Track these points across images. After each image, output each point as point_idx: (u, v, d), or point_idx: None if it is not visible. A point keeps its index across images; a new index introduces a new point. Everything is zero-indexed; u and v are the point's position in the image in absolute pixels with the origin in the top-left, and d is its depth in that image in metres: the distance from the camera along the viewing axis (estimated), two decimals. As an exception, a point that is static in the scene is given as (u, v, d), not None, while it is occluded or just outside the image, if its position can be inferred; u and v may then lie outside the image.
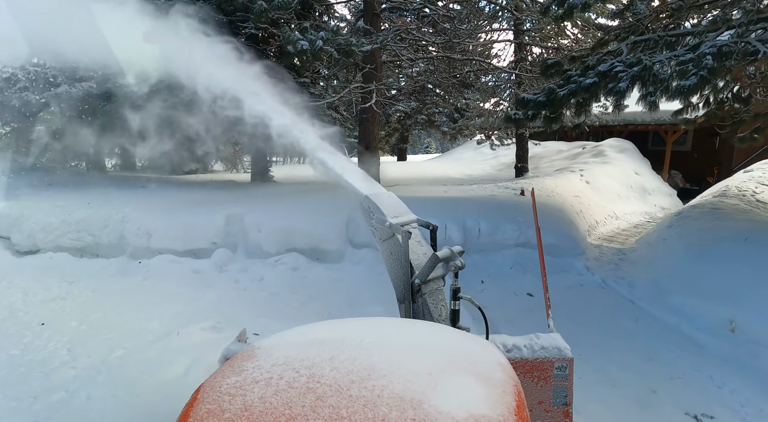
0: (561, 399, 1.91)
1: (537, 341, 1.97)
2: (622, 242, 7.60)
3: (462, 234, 5.63)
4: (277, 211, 5.81)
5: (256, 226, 5.52)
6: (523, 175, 12.23)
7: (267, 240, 5.42)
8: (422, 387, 0.86)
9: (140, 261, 5.35)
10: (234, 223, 5.67)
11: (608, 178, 10.52)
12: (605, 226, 8.80)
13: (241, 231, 5.64)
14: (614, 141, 12.66)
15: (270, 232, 5.43)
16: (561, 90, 6.26)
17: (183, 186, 8.88)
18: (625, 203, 10.19)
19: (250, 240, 5.57)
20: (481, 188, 8.45)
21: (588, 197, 9.10)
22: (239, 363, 1.00)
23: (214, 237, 5.51)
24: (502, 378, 0.96)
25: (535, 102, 6.47)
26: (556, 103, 6.34)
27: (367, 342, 1.06)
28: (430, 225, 2.02)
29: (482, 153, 16.82)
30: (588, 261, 5.67)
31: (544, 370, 1.90)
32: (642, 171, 11.58)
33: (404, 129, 20.81)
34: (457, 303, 1.87)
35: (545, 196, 7.90)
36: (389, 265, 1.96)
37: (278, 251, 5.44)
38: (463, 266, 1.78)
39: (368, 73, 9.15)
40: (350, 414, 0.78)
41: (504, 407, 0.85)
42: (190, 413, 0.85)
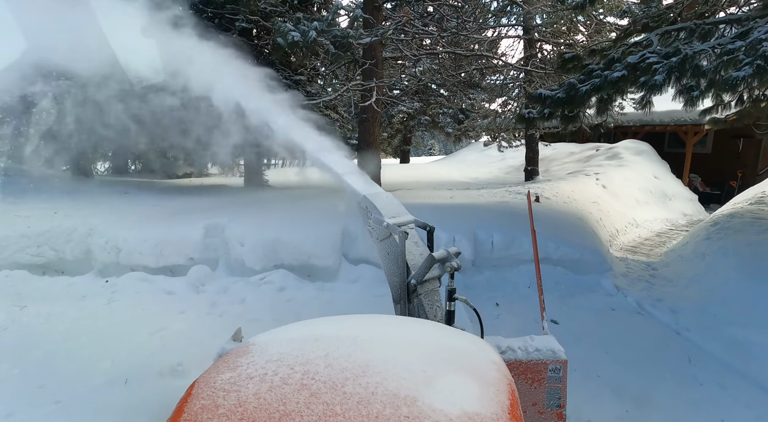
0: (555, 401, 1.91)
1: (531, 343, 1.96)
2: (647, 253, 6.89)
3: (472, 247, 4.96)
4: (263, 220, 5.17)
5: (238, 239, 4.87)
6: (534, 178, 11.54)
7: (251, 256, 4.77)
8: (416, 385, 0.86)
9: (107, 280, 4.71)
10: (214, 236, 5.03)
11: (626, 182, 9.82)
12: (626, 235, 8.09)
13: (222, 245, 5.00)
14: (630, 142, 11.94)
15: (254, 246, 4.78)
16: (583, 85, 5.59)
17: (169, 191, 8.26)
18: (644, 209, 9.48)
19: (232, 256, 4.92)
20: (491, 193, 7.77)
21: (606, 203, 8.40)
22: (234, 359, 0.99)
23: (192, 251, 4.86)
24: (496, 377, 0.95)
25: (552, 99, 5.80)
26: (577, 100, 5.66)
27: (362, 339, 1.05)
28: (427, 226, 2.02)
29: (488, 155, 16.14)
30: (616, 278, 4.98)
31: (538, 372, 1.90)
32: (661, 174, 10.86)
33: (407, 130, 20.16)
34: (453, 304, 1.86)
35: (562, 202, 7.21)
36: (386, 265, 1.96)
37: (263, 268, 4.79)
38: (459, 267, 1.76)
39: (368, 69, 8.51)
40: (344, 410, 0.78)
41: (497, 405, 0.84)
42: (185, 408, 0.84)
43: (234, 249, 4.90)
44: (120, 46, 2.94)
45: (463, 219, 5.45)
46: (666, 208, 10.01)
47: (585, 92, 5.46)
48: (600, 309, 4.26)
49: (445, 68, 10.61)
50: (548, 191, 7.86)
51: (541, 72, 9.70)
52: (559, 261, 4.98)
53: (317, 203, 6.52)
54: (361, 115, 8.87)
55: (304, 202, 6.64)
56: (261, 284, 4.59)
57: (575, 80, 5.74)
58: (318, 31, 5.41)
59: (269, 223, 5.11)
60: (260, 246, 4.77)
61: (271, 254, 4.79)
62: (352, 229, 5.11)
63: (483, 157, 16.31)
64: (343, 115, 11.01)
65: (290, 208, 5.99)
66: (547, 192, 7.78)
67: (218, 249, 5.02)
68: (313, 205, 6.36)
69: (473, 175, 14.29)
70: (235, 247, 4.89)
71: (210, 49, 3.21)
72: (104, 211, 5.55)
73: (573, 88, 5.67)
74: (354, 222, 5.19)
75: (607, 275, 4.95)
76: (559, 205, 6.88)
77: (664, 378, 3.02)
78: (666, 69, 4.51)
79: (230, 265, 4.96)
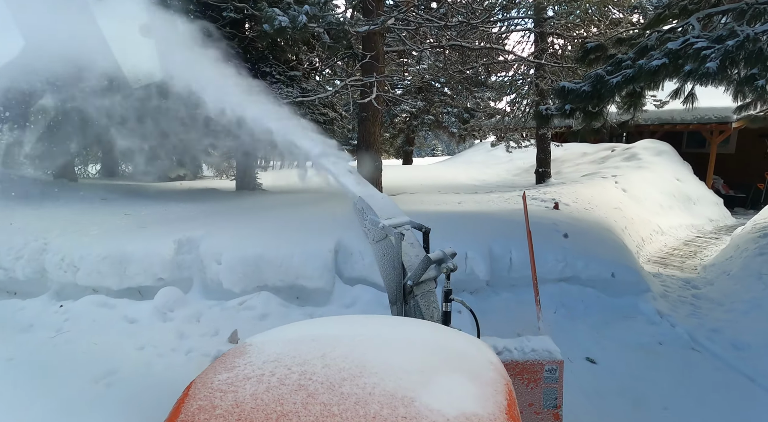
0: (551, 402, 1.90)
1: (527, 343, 1.95)
2: (680, 266, 6.16)
3: (488, 265, 4.25)
4: (246, 233, 4.48)
5: (214, 256, 4.19)
6: (545, 181, 10.81)
7: (228, 276, 4.08)
8: (414, 385, 0.85)
9: (61, 305, 4.04)
10: (188, 252, 4.34)
11: (647, 185, 9.07)
12: (652, 244, 7.36)
13: (197, 263, 4.31)
14: (649, 142, 11.19)
15: (233, 264, 4.09)
16: (612, 76, 4.87)
17: (152, 197, 7.59)
18: (668, 215, 8.73)
19: (208, 275, 4.23)
20: (502, 199, 7.06)
21: (629, 209, 7.67)
22: (231, 360, 0.98)
23: (161, 270, 4.18)
24: (494, 377, 0.94)
25: (577, 93, 5.09)
26: (606, 93, 4.95)
27: (359, 339, 1.05)
28: (423, 227, 2.02)
29: (495, 156, 15.41)
30: (656, 301, 4.26)
31: (535, 372, 1.89)
32: (683, 176, 10.11)
33: (410, 130, 19.46)
34: (449, 305, 1.84)
35: (582, 208, 6.48)
36: (382, 267, 1.94)
37: (243, 290, 4.10)
38: (455, 268, 1.74)
39: (368, 64, 7.82)
40: (341, 411, 0.78)
41: (495, 405, 0.84)
42: (181, 409, 0.83)
43: (210, 268, 4.21)
44: (101, 42, 2.80)
45: (475, 230, 4.75)
46: (690, 212, 9.27)
47: (616, 84, 4.75)
48: (645, 344, 3.54)
49: (452, 62, 9.89)
50: (566, 196, 7.13)
51: (555, 66, 8.97)
52: (589, 282, 4.26)
53: (310, 211, 5.83)
54: (361, 113, 8.19)
55: (295, 209, 5.95)
56: (240, 310, 3.90)
57: (602, 71, 5.02)
58: (309, 15, 4.73)
59: (252, 236, 4.42)
60: (240, 265, 4.08)
61: (253, 274, 4.09)
62: (348, 243, 4.41)
63: (490, 158, 15.57)
64: (342, 113, 10.31)
65: (279, 217, 5.31)
66: (565, 197, 7.06)
67: (192, 267, 4.33)
68: (305, 213, 5.68)
69: (480, 177, 13.56)
70: (211, 266, 4.21)
71: (195, 44, 3.13)
72: (68, 222, 4.88)
73: (600, 81, 4.96)
74: (350, 235, 4.50)
75: (646, 297, 4.23)
76: (580, 213, 6.16)
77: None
78: (720, 55, 3.79)
79: (206, 286, 4.28)
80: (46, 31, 2.57)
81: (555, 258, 4.26)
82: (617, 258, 4.54)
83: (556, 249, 4.37)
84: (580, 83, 5.05)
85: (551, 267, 4.25)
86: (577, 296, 4.20)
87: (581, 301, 4.17)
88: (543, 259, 4.28)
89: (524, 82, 11.45)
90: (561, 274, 4.25)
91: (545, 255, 4.31)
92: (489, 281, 4.27)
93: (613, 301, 4.18)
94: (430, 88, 18.35)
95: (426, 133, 20.81)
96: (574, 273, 4.25)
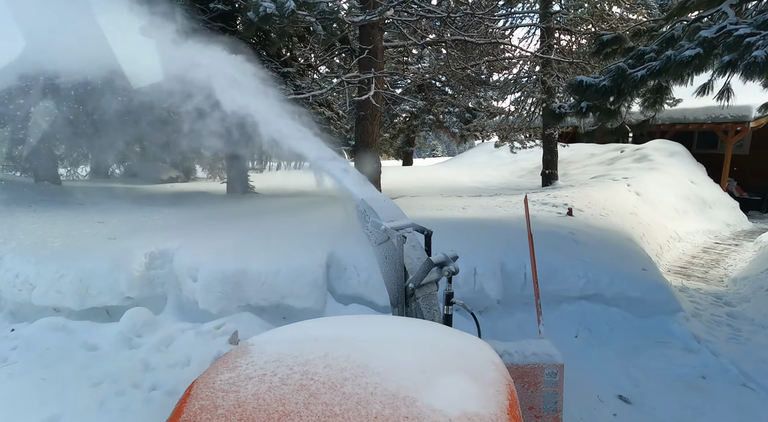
0: (551, 406, 1.89)
1: (528, 347, 1.95)
2: (704, 278, 5.67)
3: (500, 281, 3.76)
4: (226, 244, 3.99)
5: (190, 272, 3.69)
6: (552, 183, 10.33)
7: (205, 295, 3.59)
8: (416, 385, 0.85)
9: (13, 329, 3.55)
10: (160, 266, 3.85)
11: (661, 188, 8.59)
12: (670, 252, 6.87)
13: (171, 279, 3.82)
14: (660, 143, 10.70)
15: (209, 281, 3.59)
16: (636, 70, 4.39)
17: (136, 201, 7.10)
18: (683, 219, 8.24)
19: (184, 293, 3.75)
20: (510, 203, 6.57)
21: (644, 214, 7.18)
22: (232, 360, 0.97)
23: (129, 288, 3.68)
24: (496, 377, 0.94)
25: (596, 88, 4.60)
26: (627, 89, 4.47)
27: (361, 339, 1.05)
28: (425, 230, 1.99)
29: (498, 157, 14.92)
30: (688, 321, 3.76)
31: (535, 376, 1.88)
32: (698, 179, 9.62)
33: (410, 130, 18.97)
34: (450, 308, 1.82)
35: (598, 215, 5.99)
36: (384, 269, 1.93)
37: (222, 310, 3.61)
38: (456, 271, 1.72)
39: (366, 59, 7.34)
40: (343, 411, 0.78)
41: (497, 406, 0.83)
42: (183, 409, 0.82)
43: (185, 285, 3.72)
44: (82, 39, 2.71)
45: (484, 241, 4.25)
46: (706, 217, 8.78)
47: (640, 78, 4.26)
48: (684, 377, 3.04)
49: (454, 59, 9.40)
50: (578, 200, 6.65)
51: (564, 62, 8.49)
52: (613, 300, 3.77)
53: (302, 218, 5.34)
54: (359, 112, 7.70)
55: (286, 216, 5.46)
56: (217, 335, 3.40)
57: (624, 65, 4.53)
58: (298, 2, 4.24)
59: (234, 248, 3.93)
60: (218, 282, 3.58)
61: (233, 292, 3.60)
62: (342, 256, 3.92)
63: (493, 159, 15.08)
64: (339, 113, 9.81)
65: (267, 225, 4.82)
66: (578, 201, 6.57)
67: (166, 284, 3.84)
68: (296, 220, 5.19)
69: (483, 178, 13.07)
70: (186, 283, 3.71)
71: (180, 37, 3.05)
72: (29, 231, 4.39)
73: (622, 75, 4.47)
74: (345, 246, 4.01)
75: (678, 318, 3.73)
76: (595, 220, 5.67)
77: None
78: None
79: (181, 306, 3.79)
80: (25, 27, 2.49)
81: (575, 274, 3.77)
82: (644, 273, 4.04)
83: (575, 262, 3.88)
84: (598, 78, 4.56)
85: (571, 284, 3.76)
86: (600, 317, 3.70)
87: (605, 323, 3.67)
88: (561, 275, 3.79)
89: (529, 80, 10.97)
90: (582, 292, 3.76)
91: (563, 270, 3.81)
92: (501, 299, 3.78)
93: (641, 323, 3.68)
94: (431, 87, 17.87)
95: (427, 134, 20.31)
96: (598, 291, 3.76)
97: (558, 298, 3.81)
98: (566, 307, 3.75)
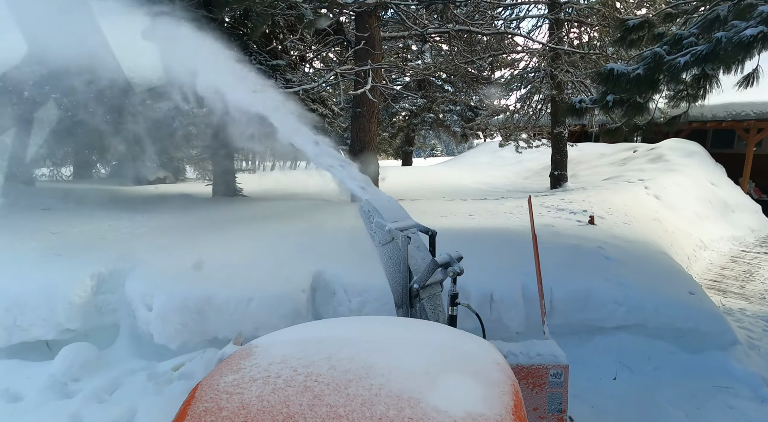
0: (556, 406, 1.90)
1: (532, 347, 1.96)
2: (742, 293, 5.04)
3: (522, 309, 3.11)
4: (191, 262, 3.33)
5: (144, 298, 3.04)
6: (562, 184, 9.69)
7: (162, 327, 2.93)
8: (420, 386, 0.85)
9: None
10: (111, 290, 3.19)
11: (681, 190, 7.95)
12: (696, 262, 6.23)
13: (123, 306, 3.16)
14: (675, 142, 10.07)
15: (168, 310, 2.94)
16: (675, 56, 3.75)
17: (109, 206, 6.42)
18: (706, 225, 7.60)
19: (139, 323, 3.09)
20: (521, 209, 5.92)
21: (667, 220, 6.54)
22: (237, 362, 0.97)
23: (69, 319, 3.02)
24: (500, 378, 0.94)
25: (627, 78, 3.96)
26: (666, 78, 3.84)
27: (365, 340, 1.05)
28: (429, 230, 1.99)
29: (502, 157, 14.27)
30: (748, 357, 3.12)
31: (540, 377, 1.89)
32: (718, 180, 9.00)
33: (410, 129, 18.31)
34: (455, 309, 1.83)
35: (621, 223, 5.35)
36: (388, 270, 1.93)
37: (182, 345, 2.95)
38: (461, 272, 1.73)
39: (362, 50, 6.69)
40: (348, 412, 0.78)
41: (502, 406, 0.83)
42: (188, 411, 0.83)
43: (140, 314, 3.07)
44: (63, 34, 2.65)
45: (498, 257, 3.61)
46: (729, 222, 8.14)
47: (683, 65, 3.61)
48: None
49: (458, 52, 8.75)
50: (596, 206, 6.00)
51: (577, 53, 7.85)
52: (658, 332, 3.12)
53: (289, 227, 4.69)
54: (355, 108, 7.05)
55: (270, 224, 4.80)
56: (173, 379, 2.74)
57: (661, 50, 3.89)
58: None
59: (201, 268, 3.27)
60: (176, 312, 2.92)
61: (196, 324, 2.95)
62: (330, 277, 3.27)
63: (496, 159, 14.44)
64: (334, 110, 9.15)
65: (246, 236, 4.16)
66: (596, 207, 5.93)
67: (118, 311, 3.19)
68: (282, 229, 4.54)
69: (486, 179, 12.42)
70: (139, 311, 3.06)
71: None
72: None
73: (659, 62, 3.83)
74: (335, 264, 3.37)
75: (735, 353, 3.09)
76: (620, 229, 5.02)
77: None
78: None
79: (136, 338, 3.13)
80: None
81: (613, 299, 3.12)
82: (691, 297, 3.39)
83: (611, 286, 3.23)
84: (633, 66, 3.92)
85: (608, 312, 3.11)
86: (642, 352, 3.06)
87: (649, 360, 3.03)
88: (596, 301, 3.14)
89: (537, 75, 10.32)
90: (621, 321, 3.11)
91: (597, 296, 3.16)
92: (522, 331, 3.13)
93: (692, 360, 3.04)
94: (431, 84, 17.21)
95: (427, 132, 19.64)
96: (639, 320, 3.12)
97: (591, 329, 3.16)
98: (602, 340, 3.10)
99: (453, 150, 39.23)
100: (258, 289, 3.02)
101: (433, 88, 17.31)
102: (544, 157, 12.14)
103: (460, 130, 18.49)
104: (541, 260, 3.57)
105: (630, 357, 3.05)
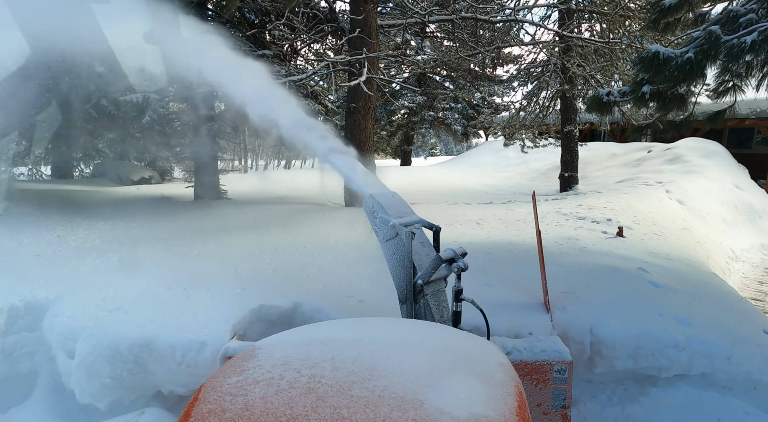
0: (560, 402, 1.89)
1: (537, 344, 1.96)
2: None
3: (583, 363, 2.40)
4: (135, 290, 2.62)
5: (65, 341, 2.34)
6: (572, 187, 9.01)
7: (86, 381, 2.23)
8: (423, 388, 0.85)
9: None
10: (27, 328, 2.50)
11: (704, 194, 7.29)
12: (730, 276, 5.56)
13: (41, 349, 2.46)
14: (694, 141, 9.41)
15: (95, 358, 2.24)
16: (735, 35, 3.08)
17: (73, 210, 5.71)
18: (734, 233, 6.94)
19: (60, 373, 2.39)
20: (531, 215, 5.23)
21: (696, 228, 5.87)
22: (240, 363, 0.97)
23: (-32, 367, 2.32)
24: (504, 379, 0.93)
25: (675, 63, 3.28)
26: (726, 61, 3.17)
27: (369, 342, 1.04)
28: (433, 226, 1.98)
29: (506, 157, 13.60)
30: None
31: (544, 373, 1.89)
32: (742, 183, 8.34)
33: (409, 128, 17.60)
34: (459, 305, 1.83)
35: (652, 233, 4.67)
36: (392, 265, 1.90)
37: (115, 403, 2.26)
38: (466, 268, 1.72)
39: (357, 38, 6.00)
40: (351, 414, 0.77)
41: (505, 407, 0.82)
42: (192, 412, 0.82)
43: (60, 361, 2.37)
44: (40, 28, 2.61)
45: (517, 282, 2.92)
46: (757, 228, 7.49)
47: (750, 45, 2.94)
48: None
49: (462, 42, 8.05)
50: (621, 213, 5.33)
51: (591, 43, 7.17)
52: (729, 384, 2.44)
53: (269, 238, 4.01)
54: (350, 103, 6.35)
55: (248, 236, 4.11)
56: (96, 454, 2.05)
57: (717, 29, 3.21)
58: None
59: (144, 299, 2.57)
60: (105, 361, 2.22)
61: (132, 375, 2.25)
62: (309, 310, 2.58)
63: (500, 159, 13.76)
64: (327, 105, 8.45)
65: (215, 254, 3.47)
66: (620, 214, 5.25)
67: (36, 354, 2.49)
68: (259, 243, 3.84)
69: (490, 181, 11.73)
70: (60, 356, 2.36)
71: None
72: None
73: (715, 43, 3.15)
74: (317, 294, 2.68)
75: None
76: (654, 242, 4.34)
77: None
78: None
79: (59, 389, 2.43)
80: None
81: (673, 342, 2.42)
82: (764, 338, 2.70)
83: (666, 322, 2.54)
84: (683, 49, 3.23)
85: (666, 359, 2.41)
86: (711, 411, 2.38)
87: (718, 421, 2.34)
88: (649, 344, 2.44)
89: (545, 71, 9.64)
90: (683, 369, 2.42)
91: (651, 337, 2.46)
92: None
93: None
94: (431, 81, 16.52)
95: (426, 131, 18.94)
96: (706, 369, 2.43)
97: (643, 378, 2.48)
98: (659, 394, 2.41)
99: (452, 149, 38.54)
100: (214, 332, 2.32)
101: (434, 84, 16.62)
102: (551, 157, 11.48)
103: (461, 129, 17.81)
104: (574, 287, 2.89)
105: (693, 417, 2.36)
